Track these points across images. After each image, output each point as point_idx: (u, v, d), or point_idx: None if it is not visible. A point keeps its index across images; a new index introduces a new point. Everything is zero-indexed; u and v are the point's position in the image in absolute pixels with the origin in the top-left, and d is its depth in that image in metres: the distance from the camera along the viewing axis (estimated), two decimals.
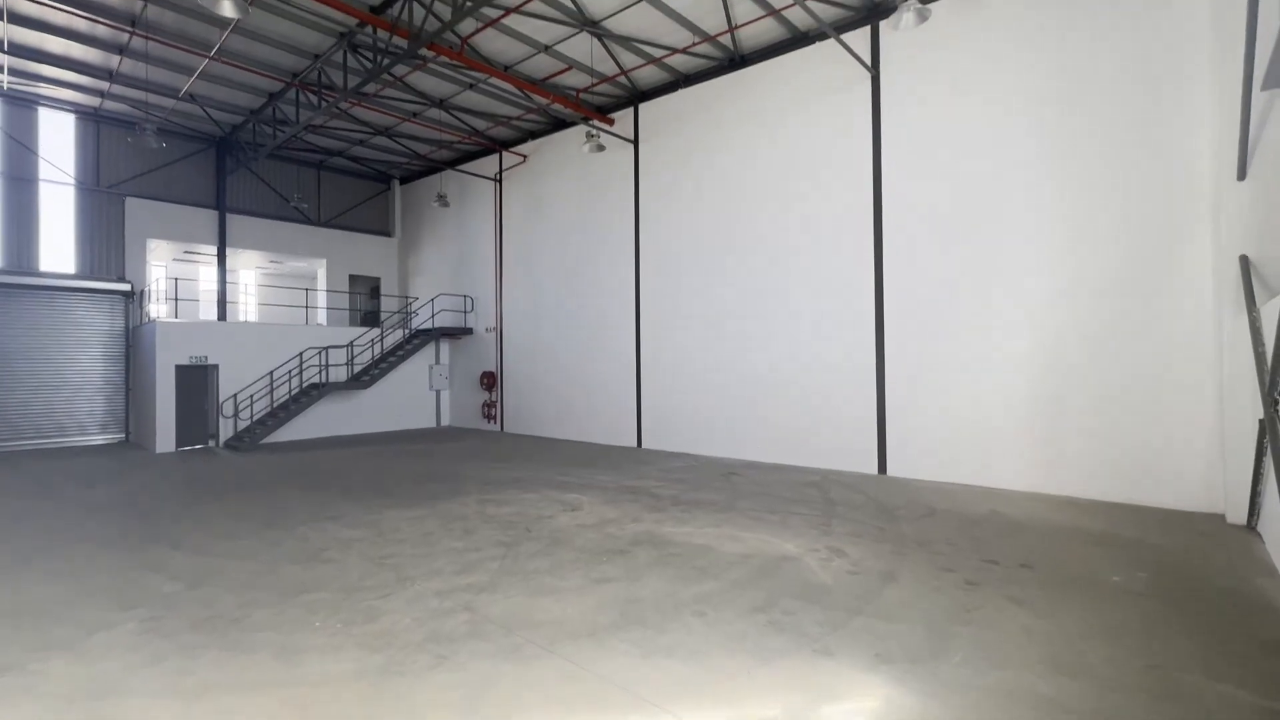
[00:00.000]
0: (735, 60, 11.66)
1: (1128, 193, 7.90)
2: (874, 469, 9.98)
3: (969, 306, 9.10)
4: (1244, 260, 6.42)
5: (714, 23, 10.65)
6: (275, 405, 15.05)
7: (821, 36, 10.40)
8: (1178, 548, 6.00)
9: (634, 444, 13.44)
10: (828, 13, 10.14)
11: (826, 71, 10.51)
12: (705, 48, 11.41)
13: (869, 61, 9.99)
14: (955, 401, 9.21)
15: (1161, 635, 4.08)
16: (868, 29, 10.04)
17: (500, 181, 16.76)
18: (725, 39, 11.10)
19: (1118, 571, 5.33)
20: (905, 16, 7.62)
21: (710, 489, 8.92)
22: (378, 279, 20.20)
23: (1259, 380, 5.46)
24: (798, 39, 10.86)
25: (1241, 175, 6.49)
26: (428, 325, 17.92)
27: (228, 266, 17.55)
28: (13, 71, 12.77)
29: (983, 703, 3.27)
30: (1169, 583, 5.06)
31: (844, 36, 10.14)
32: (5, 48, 11.59)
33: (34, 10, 10.50)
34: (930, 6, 9.17)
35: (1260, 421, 5.87)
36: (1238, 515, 6.77)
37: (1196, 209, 7.45)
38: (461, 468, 10.96)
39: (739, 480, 9.54)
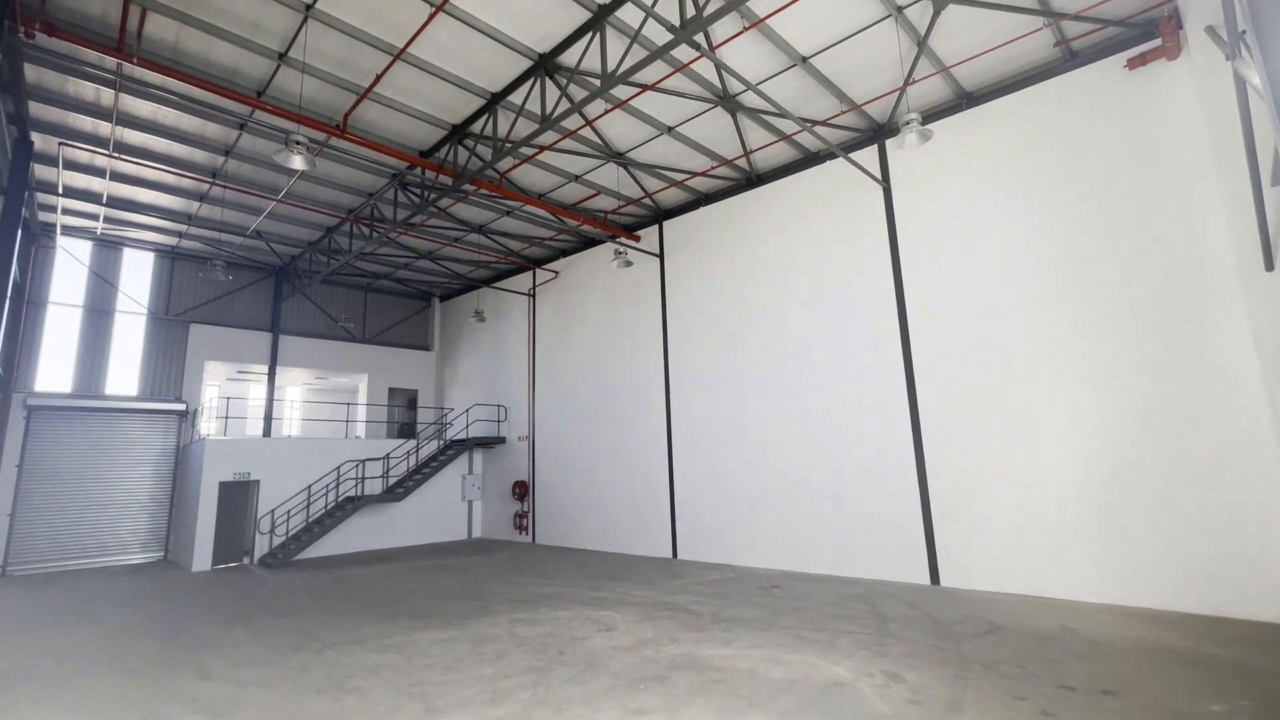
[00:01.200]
0: (752, 179, 12.48)
1: (1150, 288, 7.91)
2: (925, 579, 9.36)
3: (1006, 406, 8.90)
4: None
5: (730, 148, 11.54)
6: (311, 520, 15.12)
7: (833, 155, 11.14)
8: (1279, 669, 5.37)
9: (669, 554, 12.95)
10: (836, 135, 10.93)
11: (840, 185, 11.13)
12: (723, 170, 12.29)
13: (879, 175, 10.59)
14: (1004, 505, 8.76)
15: None
16: (875, 147, 10.73)
17: (534, 296, 17.63)
18: (742, 162, 11.97)
19: (1216, 699, 4.76)
20: (909, 138, 8.16)
21: (751, 604, 8.44)
22: (415, 391, 20.86)
23: None
24: (809, 158, 11.64)
25: (1270, 265, 6.48)
26: (462, 435, 18.18)
27: (276, 383, 18.41)
28: (107, 220, 14.40)
29: None
30: (1277, 714, 4.48)
31: (854, 154, 10.85)
32: (104, 201, 13.16)
33: (130, 169, 12.03)
34: (930, 127, 9.82)
35: None
36: None
37: (1226, 299, 7.38)
38: (492, 584, 10.65)
39: (781, 594, 9.03)
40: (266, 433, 17.40)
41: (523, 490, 16.81)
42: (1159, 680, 5.21)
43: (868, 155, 10.81)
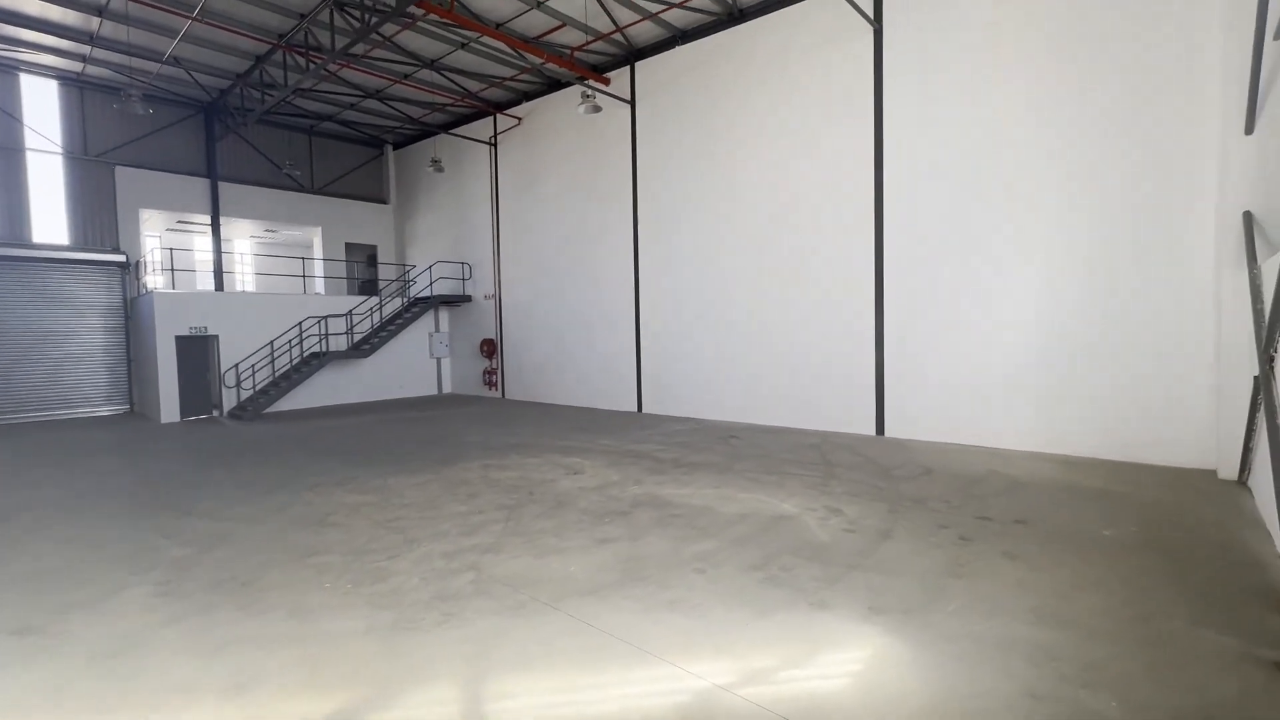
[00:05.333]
0: (734, 14, 11.31)
1: (1132, 149, 7.77)
2: (872, 430, 10.08)
3: (969, 267, 9.05)
4: (1248, 216, 6.35)
5: None
6: (277, 375, 15.11)
7: None
8: (1170, 503, 6.11)
9: (635, 409, 13.54)
10: None
11: (828, 24, 10.21)
12: (702, 1, 11.05)
13: (871, 14, 9.69)
14: (955, 365, 9.24)
15: (1150, 586, 4.20)
16: None
17: (495, 145, 16.46)
18: None
19: (1110, 526, 5.44)
20: None
21: (711, 451, 9.03)
22: (374, 247, 20.02)
23: (1256, 337, 5.47)
24: None
25: (1250, 129, 6.37)
26: (426, 293, 17.85)
27: (222, 236, 17.38)
28: None
29: (973, 651, 3.38)
30: (1159, 536, 5.17)
31: None
32: None
33: None
34: None
35: (1255, 378, 5.91)
36: (1229, 471, 6.87)
37: (1203, 164, 7.34)
38: (464, 434, 11.07)
39: (739, 443, 9.65)
40: (219, 287, 16.72)
41: (491, 348, 16.95)
42: (1064, 512, 5.89)
43: None
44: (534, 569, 4.71)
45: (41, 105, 14.36)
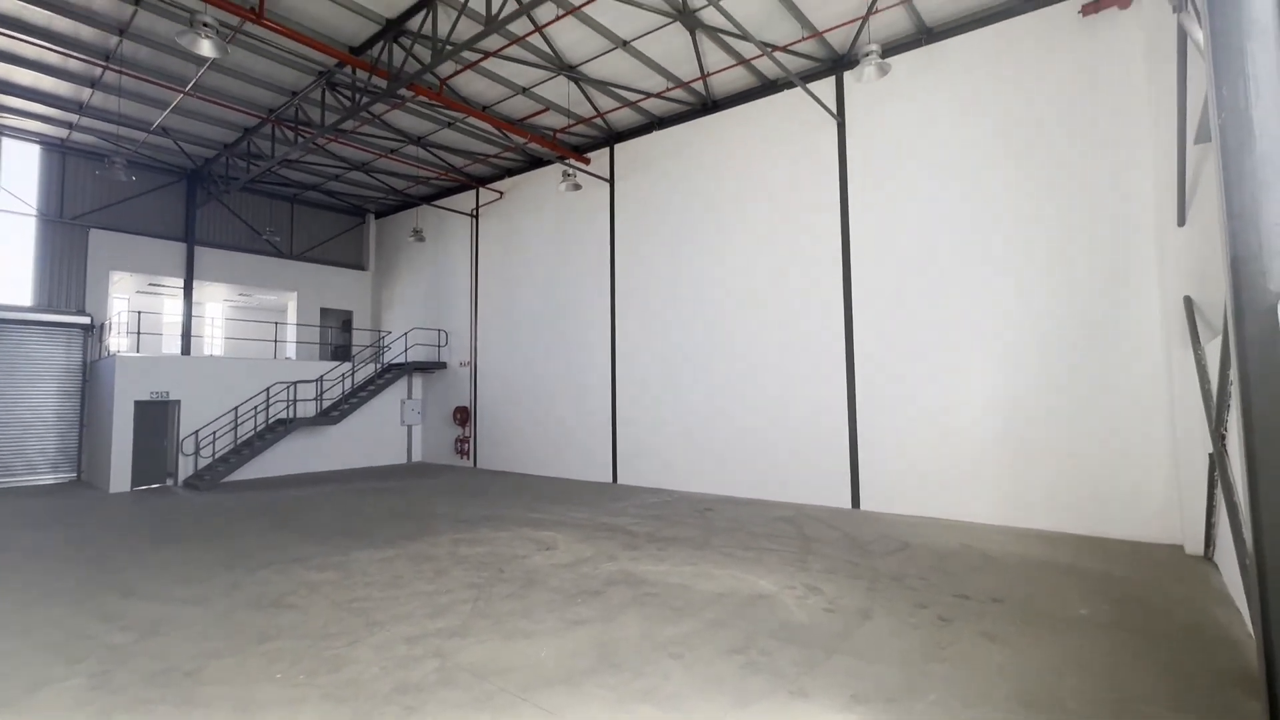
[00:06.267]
0: (708, 105, 12.09)
1: (1076, 237, 8.34)
2: (848, 504, 10.06)
3: (935, 346, 9.38)
4: (1188, 301, 6.79)
5: (687, 70, 11.06)
6: (239, 442, 14.58)
7: (790, 85, 10.88)
8: (1141, 580, 6.16)
9: (609, 479, 13.33)
10: (795, 63, 10.63)
11: (795, 116, 10.95)
12: (679, 93, 11.82)
13: (834, 109, 10.46)
14: (923, 440, 9.40)
15: (1127, 667, 4.16)
16: (833, 79, 10.53)
17: (477, 217, 16.88)
18: (698, 85, 11.52)
19: (1085, 604, 5.43)
20: (867, 70, 8.04)
21: (686, 525, 8.87)
22: (350, 313, 19.96)
23: (1206, 416, 5.73)
24: (767, 86, 11.33)
25: (1181, 221, 6.92)
26: (400, 359, 17.70)
27: (195, 299, 17.17)
28: None
29: None
30: (1133, 615, 5.18)
31: (811, 85, 10.63)
32: None
33: (3, 43, 10.41)
34: (890, 61, 9.68)
35: (1210, 455, 6.13)
36: (1195, 546, 6.99)
37: (1143, 253, 7.88)
38: (433, 505, 10.72)
39: (714, 516, 9.52)
40: (186, 351, 16.37)
41: (464, 415, 16.71)
42: (1039, 589, 5.88)
43: (825, 87, 10.61)
44: (502, 654, 4.48)
45: (20, 168, 14.37)
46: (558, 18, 9.43)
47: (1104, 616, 5.14)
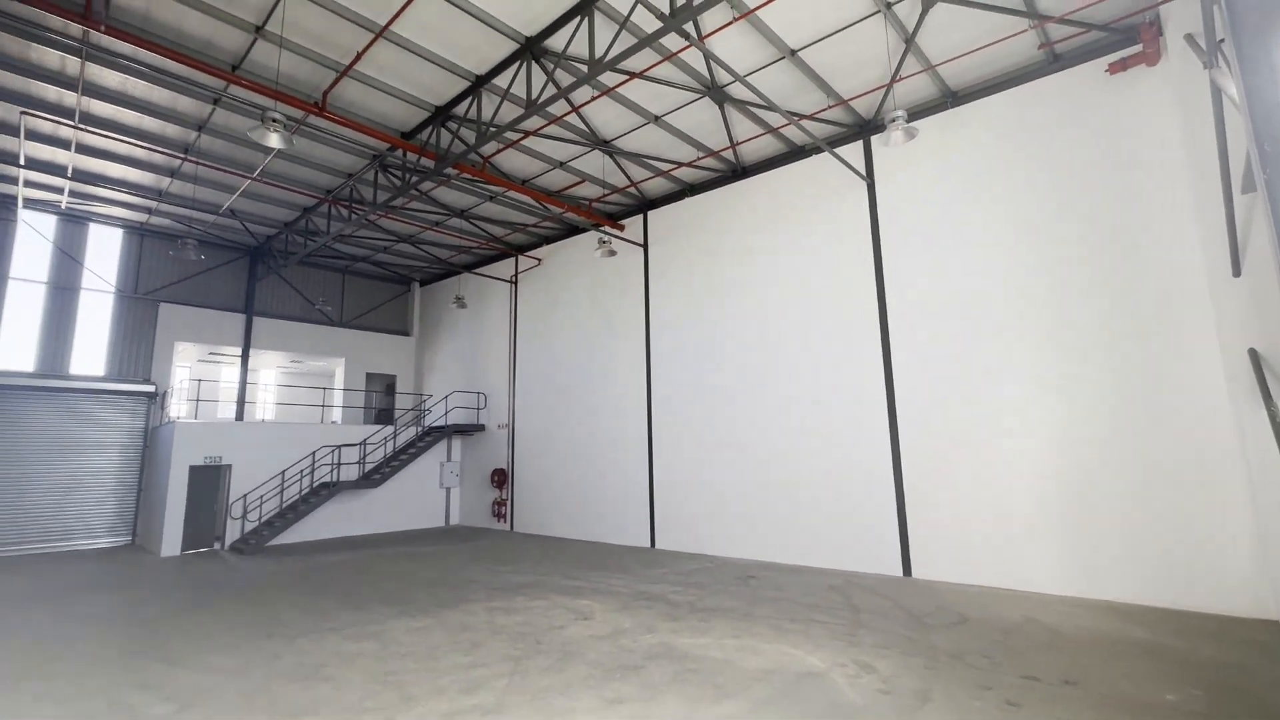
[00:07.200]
0: (738, 171, 12.46)
1: (1124, 290, 8.10)
2: (898, 570, 9.55)
3: (982, 405, 9.07)
4: (1254, 354, 6.45)
5: (716, 140, 11.50)
6: (284, 506, 14.90)
7: (818, 150, 11.17)
8: (1231, 660, 5.59)
9: (647, 544, 13.03)
10: (822, 130, 10.95)
11: (825, 179, 11.17)
12: (709, 162, 12.25)
13: (863, 171, 10.65)
14: (976, 502, 8.96)
15: None
16: (860, 142, 10.78)
17: (516, 283, 17.47)
18: (728, 154, 11.94)
19: (1171, 689, 4.94)
20: (894, 135, 8.20)
21: (727, 594, 8.54)
22: (394, 377, 20.60)
23: None
24: (795, 152, 11.65)
25: (1237, 272, 6.67)
26: (441, 422, 18.03)
27: (250, 366, 18.04)
28: (72, 194, 13.88)
29: None
30: (1228, 702, 4.67)
31: (839, 149, 10.89)
32: (70, 174, 12.69)
33: (99, 142, 11.59)
34: (917, 124, 9.89)
35: None
36: None
37: (1197, 305, 7.59)
38: (470, 572, 10.62)
39: (757, 584, 9.15)
40: (239, 416, 17.06)
41: (501, 478, 16.75)
42: (1117, 670, 5.39)
43: (853, 151, 10.86)
44: None
45: (103, 249, 15.68)
46: (593, 99, 10.03)
47: (1195, 704, 4.65)
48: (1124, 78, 8.33)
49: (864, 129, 10.72)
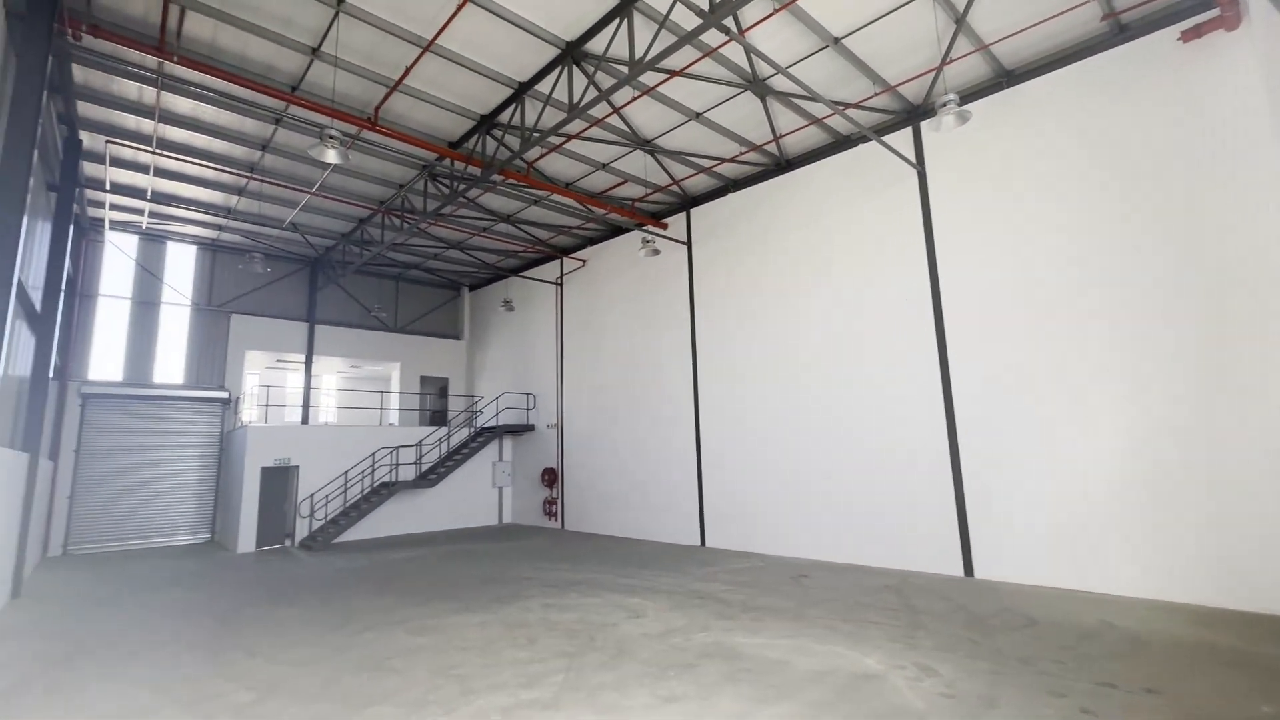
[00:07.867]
0: (781, 164, 12.27)
1: (1202, 273, 7.56)
2: (959, 570, 9.23)
3: (1048, 398, 8.66)
4: None
5: (759, 134, 11.35)
6: (348, 504, 15.59)
7: (865, 139, 10.88)
8: None
9: (697, 542, 13.01)
10: (868, 118, 10.66)
11: (873, 168, 10.87)
12: (752, 156, 12.11)
13: (913, 159, 10.31)
14: (1041, 497, 8.56)
15: None
16: (909, 129, 10.43)
17: (561, 285, 17.72)
18: (771, 147, 11.77)
19: (1266, 701, 4.61)
20: (945, 119, 7.92)
21: (780, 593, 8.44)
22: (446, 379, 21.23)
23: None
24: (841, 142, 11.38)
25: None
26: (492, 423, 18.48)
27: (313, 372, 18.93)
28: (152, 214, 14.90)
29: None
30: None
31: (887, 137, 10.58)
32: (149, 196, 13.62)
33: (174, 165, 12.40)
34: (968, 107, 9.49)
35: None
36: None
37: (1275, 287, 7.02)
38: (524, 569, 10.86)
39: (809, 583, 9.01)
40: (304, 420, 17.94)
41: (551, 477, 17.03)
42: (1204, 679, 5.06)
43: (901, 138, 10.52)
44: None
45: (179, 265, 16.77)
46: (634, 99, 10.07)
47: None
48: (1199, 45, 7.78)
49: (913, 115, 10.38)
